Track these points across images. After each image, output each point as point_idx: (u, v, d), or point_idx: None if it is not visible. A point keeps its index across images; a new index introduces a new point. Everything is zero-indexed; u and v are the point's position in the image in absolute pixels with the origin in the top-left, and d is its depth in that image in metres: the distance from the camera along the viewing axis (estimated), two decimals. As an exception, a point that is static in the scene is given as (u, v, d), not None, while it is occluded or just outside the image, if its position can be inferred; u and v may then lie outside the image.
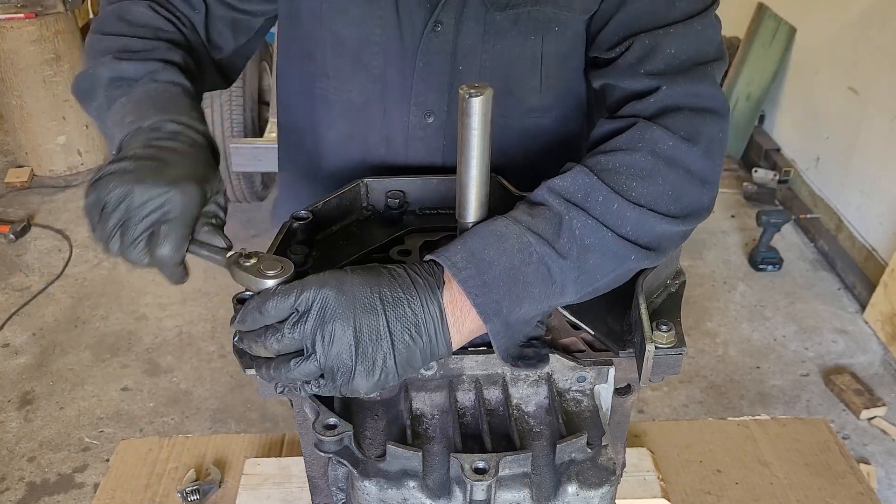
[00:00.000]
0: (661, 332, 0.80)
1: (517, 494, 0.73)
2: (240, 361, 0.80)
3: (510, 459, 0.71)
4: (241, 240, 4.12)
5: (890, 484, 2.79)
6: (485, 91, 0.73)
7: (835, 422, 3.02)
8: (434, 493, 0.73)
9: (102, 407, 3.07)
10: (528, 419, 0.80)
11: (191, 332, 3.46)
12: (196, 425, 2.99)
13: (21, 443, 2.91)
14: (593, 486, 0.74)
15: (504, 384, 0.81)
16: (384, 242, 1.02)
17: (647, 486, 1.31)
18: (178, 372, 3.24)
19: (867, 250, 3.64)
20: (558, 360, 0.80)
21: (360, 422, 0.79)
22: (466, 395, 0.80)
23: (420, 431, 0.78)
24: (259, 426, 2.99)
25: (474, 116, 0.73)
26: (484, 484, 0.69)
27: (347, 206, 1.05)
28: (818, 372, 3.26)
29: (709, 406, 3.06)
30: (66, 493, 2.72)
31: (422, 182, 1.07)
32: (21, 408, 3.06)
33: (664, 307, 0.89)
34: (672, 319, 0.82)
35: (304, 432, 0.87)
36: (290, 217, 0.97)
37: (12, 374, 3.22)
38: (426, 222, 1.06)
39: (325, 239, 1.01)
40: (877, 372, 3.26)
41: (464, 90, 0.73)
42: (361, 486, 0.73)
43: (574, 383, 0.82)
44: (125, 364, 3.28)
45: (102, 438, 2.93)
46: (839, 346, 3.39)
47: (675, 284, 0.91)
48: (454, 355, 0.80)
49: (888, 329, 3.36)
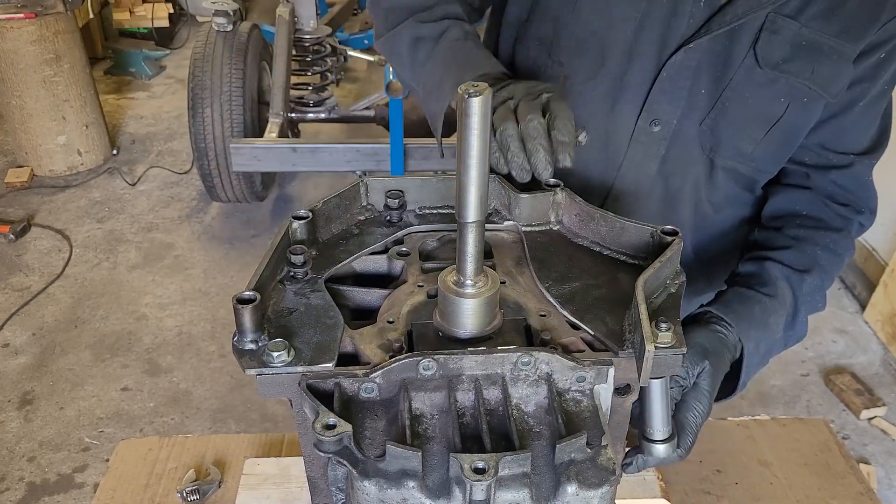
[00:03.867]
0: (660, 331, 0.79)
1: (517, 494, 0.73)
2: (240, 361, 0.80)
3: (510, 459, 0.71)
4: (241, 240, 4.12)
5: (890, 484, 2.79)
6: (484, 91, 0.73)
7: (835, 422, 3.01)
8: (433, 493, 0.73)
9: (102, 407, 3.07)
10: (528, 419, 0.79)
11: (191, 332, 3.46)
12: (196, 425, 2.99)
13: (21, 443, 2.91)
14: (593, 486, 0.73)
15: (503, 384, 0.81)
16: (384, 242, 1.02)
17: (646, 486, 1.31)
18: (178, 372, 3.24)
19: (867, 250, 3.64)
20: (558, 359, 0.80)
21: (359, 422, 0.79)
22: (466, 395, 0.80)
23: (419, 431, 0.78)
24: (259, 426, 2.99)
25: (474, 116, 0.73)
26: (483, 484, 0.69)
27: (347, 206, 1.05)
28: (818, 372, 3.26)
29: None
30: (66, 493, 2.72)
31: (421, 181, 1.07)
32: (21, 408, 3.06)
33: (664, 307, 0.89)
34: (672, 319, 0.81)
35: (303, 432, 0.87)
36: (290, 217, 0.97)
37: (12, 374, 3.22)
38: (426, 222, 1.06)
39: (325, 239, 1.01)
40: (877, 372, 3.26)
41: (463, 90, 0.73)
42: (361, 486, 0.73)
43: (574, 383, 0.82)
44: (125, 364, 3.29)
45: (102, 438, 2.93)
46: (839, 346, 3.39)
47: (674, 284, 0.91)
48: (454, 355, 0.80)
49: (888, 329, 3.35)
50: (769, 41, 1.13)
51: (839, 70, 1.15)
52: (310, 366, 0.80)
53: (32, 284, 3.75)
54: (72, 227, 4.19)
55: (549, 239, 1.03)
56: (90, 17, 5.82)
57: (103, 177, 4.67)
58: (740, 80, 1.16)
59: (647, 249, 0.96)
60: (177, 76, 5.93)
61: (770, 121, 1.19)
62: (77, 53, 4.44)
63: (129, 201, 4.45)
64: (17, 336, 3.43)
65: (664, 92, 1.18)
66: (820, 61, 1.14)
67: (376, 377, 0.79)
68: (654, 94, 1.18)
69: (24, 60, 4.23)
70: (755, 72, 1.15)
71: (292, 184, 4.65)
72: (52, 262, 3.92)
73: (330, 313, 0.88)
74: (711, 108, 1.19)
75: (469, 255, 0.81)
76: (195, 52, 3.95)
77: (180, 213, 4.35)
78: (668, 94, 1.18)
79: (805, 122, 1.21)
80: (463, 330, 0.85)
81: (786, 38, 1.13)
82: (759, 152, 1.24)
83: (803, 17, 1.12)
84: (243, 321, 0.80)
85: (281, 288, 0.92)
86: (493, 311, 0.86)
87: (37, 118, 4.42)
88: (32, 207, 4.36)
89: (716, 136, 1.21)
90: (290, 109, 4.12)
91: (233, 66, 3.89)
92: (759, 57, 1.13)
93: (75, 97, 4.47)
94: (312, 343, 0.83)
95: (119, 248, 4.05)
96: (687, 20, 1.13)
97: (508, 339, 0.86)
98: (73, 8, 4.39)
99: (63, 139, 4.53)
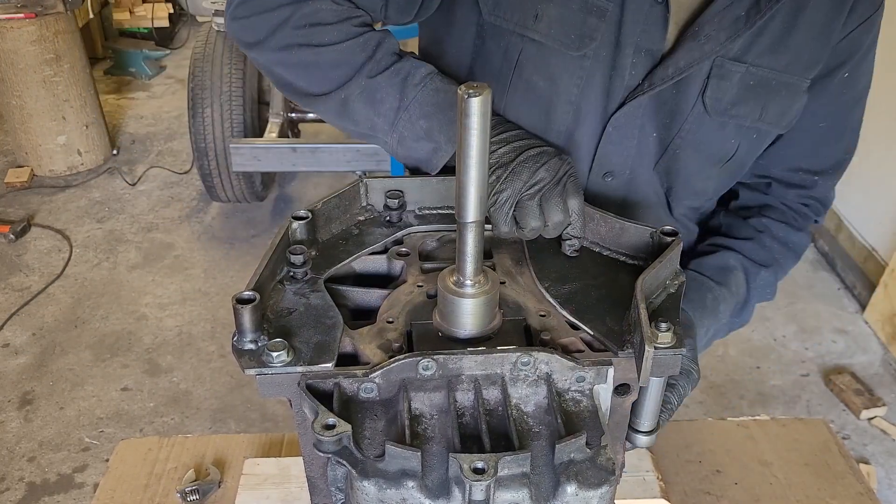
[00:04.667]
0: (660, 332, 0.79)
1: (516, 494, 0.73)
2: (239, 361, 0.80)
3: (509, 459, 0.71)
4: (241, 240, 4.12)
5: (890, 484, 2.79)
6: (484, 91, 0.73)
7: (835, 422, 3.01)
8: (433, 493, 0.73)
9: (102, 407, 3.07)
10: (528, 419, 0.79)
11: (191, 332, 3.46)
12: (196, 425, 2.99)
13: (21, 443, 2.91)
14: (592, 487, 0.73)
15: (503, 384, 0.81)
16: (384, 242, 1.02)
17: (646, 486, 1.31)
18: (178, 372, 3.24)
19: (867, 250, 3.64)
20: (557, 360, 0.80)
21: (358, 422, 0.79)
22: (465, 395, 0.80)
23: (419, 431, 0.78)
24: (259, 426, 2.99)
25: (473, 116, 0.73)
26: (483, 484, 0.69)
27: (347, 206, 1.05)
28: (818, 372, 3.26)
29: (709, 406, 3.06)
30: (66, 493, 2.72)
31: (421, 182, 1.07)
32: (21, 408, 3.06)
33: (663, 307, 0.89)
34: (671, 320, 0.81)
35: (302, 432, 0.87)
36: (290, 217, 0.97)
37: (12, 374, 3.22)
38: (425, 222, 1.06)
39: (324, 239, 1.01)
40: (877, 372, 3.26)
41: (462, 90, 0.73)
42: (360, 487, 0.73)
43: (573, 383, 0.82)
44: (125, 364, 3.29)
45: (102, 438, 2.93)
46: (839, 346, 3.39)
47: (673, 285, 0.91)
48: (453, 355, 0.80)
49: (888, 329, 3.35)
50: (717, 87, 1.10)
51: (790, 103, 1.14)
52: (309, 366, 0.80)
53: (32, 284, 3.75)
54: (72, 227, 4.19)
55: (548, 239, 1.03)
56: (90, 17, 5.81)
57: (103, 177, 4.67)
58: (691, 129, 1.14)
59: (647, 250, 0.96)
60: (177, 76, 5.93)
61: (723, 159, 1.18)
62: (77, 53, 4.44)
63: (129, 201, 4.45)
64: (17, 336, 3.43)
65: (612, 144, 1.16)
66: (769, 98, 1.12)
67: (376, 377, 0.79)
68: (603, 147, 1.16)
69: (24, 60, 4.23)
70: (705, 119, 1.13)
71: (292, 184, 4.65)
72: (52, 262, 3.92)
73: (329, 313, 0.88)
74: (663, 153, 1.17)
75: (469, 255, 0.81)
76: (195, 52, 3.95)
77: (180, 213, 4.35)
78: (617, 146, 1.16)
79: (757, 150, 1.21)
80: (462, 330, 0.85)
81: (733, 83, 1.10)
82: (710, 186, 1.25)
83: (749, 57, 1.09)
84: (243, 321, 0.80)
85: (280, 288, 0.92)
86: (492, 312, 0.86)
87: (37, 118, 4.42)
88: (32, 207, 4.36)
89: (671, 178, 1.21)
90: (290, 109, 4.12)
91: (233, 66, 3.89)
92: (708, 106, 1.11)
93: (75, 97, 4.47)
94: (312, 343, 0.83)
95: (119, 248, 4.05)
96: (629, 72, 1.10)
97: (508, 340, 0.86)
98: (73, 8, 4.39)
99: (63, 139, 4.53)
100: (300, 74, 1.10)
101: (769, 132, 1.17)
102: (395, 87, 1.07)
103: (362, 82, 1.07)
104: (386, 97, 1.07)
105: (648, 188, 1.22)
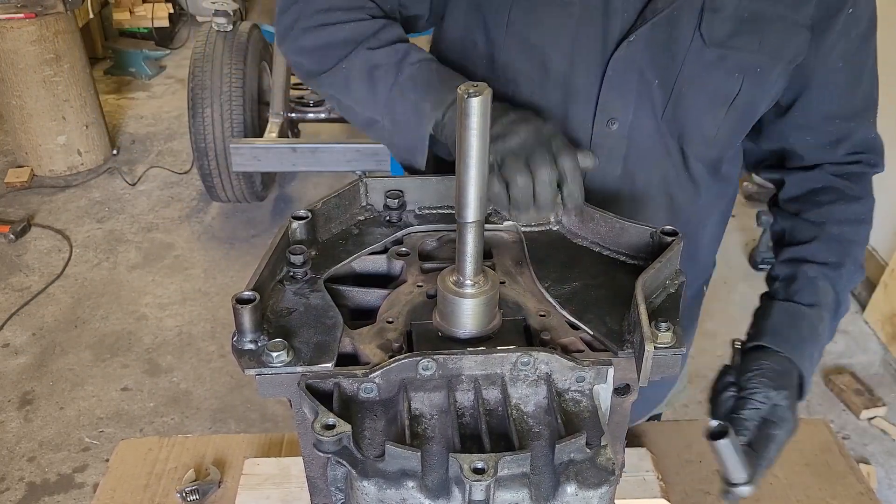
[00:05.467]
0: (660, 332, 0.79)
1: (516, 494, 0.73)
2: (239, 362, 0.80)
3: (509, 459, 0.71)
4: (241, 240, 4.12)
5: (890, 484, 2.79)
6: (483, 91, 0.73)
7: (835, 422, 3.01)
8: (433, 493, 0.73)
9: (102, 407, 3.07)
10: (527, 419, 0.79)
11: (191, 332, 3.46)
12: (196, 425, 2.99)
13: (21, 443, 2.91)
14: (592, 487, 0.74)
15: (503, 384, 0.81)
16: (383, 242, 1.02)
17: (646, 487, 1.31)
18: (178, 372, 3.24)
19: (867, 250, 3.64)
20: (557, 360, 0.80)
21: (358, 422, 0.79)
22: (465, 395, 0.80)
23: (419, 431, 0.78)
24: (259, 426, 2.99)
25: (473, 116, 0.73)
26: (483, 484, 0.69)
27: (347, 206, 1.05)
28: (818, 372, 3.25)
29: (709, 406, 3.06)
30: (66, 493, 2.72)
31: (421, 181, 1.07)
32: (21, 408, 3.06)
33: (663, 307, 0.89)
34: (671, 320, 0.81)
35: (302, 432, 0.87)
36: (290, 217, 0.97)
37: (12, 374, 3.22)
38: (425, 222, 1.06)
39: (324, 239, 1.01)
40: (877, 372, 3.26)
41: (462, 90, 0.73)
42: (360, 487, 0.73)
43: (573, 383, 0.82)
44: (125, 364, 3.29)
45: (102, 438, 2.93)
46: (839, 346, 3.39)
47: (673, 285, 0.91)
48: (453, 355, 0.80)
49: (888, 329, 3.35)
50: (712, 20, 1.11)
51: (789, 35, 1.14)
52: (309, 366, 0.80)
53: (32, 284, 3.75)
54: (72, 227, 4.19)
55: (548, 239, 1.03)
56: (90, 17, 5.81)
57: (103, 177, 4.67)
58: (692, 64, 1.14)
59: (647, 250, 0.96)
60: (177, 76, 5.93)
61: (728, 98, 1.18)
62: (77, 53, 4.44)
63: (129, 201, 4.45)
64: (17, 336, 3.43)
65: (613, 88, 1.16)
66: (766, 31, 1.13)
67: (376, 377, 0.79)
68: (604, 92, 1.17)
69: (24, 60, 4.23)
70: (705, 52, 1.13)
71: (292, 184, 4.65)
72: (52, 262, 3.92)
73: (329, 313, 0.88)
74: (669, 98, 1.18)
75: (468, 255, 0.81)
76: (195, 52, 3.95)
77: (180, 213, 4.35)
78: (618, 90, 1.17)
79: (763, 93, 1.20)
80: (462, 330, 0.85)
81: (727, 15, 1.11)
82: (722, 133, 1.23)
83: None
84: (243, 321, 0.80)
85: (280, 288, 0.92)
86: (492, 312, 0.86)
87: (37, 118, 4.42)
88: (32, 207, 4.36)
89: (679, 124, 1.20)
90: (290, 109, 4.12)
91: (233, 66, 3.89)
92: (705, 37, 1.12)
93: (75, 97, 4.47)
94: (312, 343, 0.83)
95: (119, 248, 4.05)
96: (621, 15, 1.12)
97: (508, 340, 0.86)
98: (73, 8, 4.39)
99: (63, 139, 4.53)
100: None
101: (771, 68, 1.16)
102: (391, 65, 1.11)
103: (363, 54, 1.12)
104: (383, 76, 1.11)
105: (653, 139, 1.22)
